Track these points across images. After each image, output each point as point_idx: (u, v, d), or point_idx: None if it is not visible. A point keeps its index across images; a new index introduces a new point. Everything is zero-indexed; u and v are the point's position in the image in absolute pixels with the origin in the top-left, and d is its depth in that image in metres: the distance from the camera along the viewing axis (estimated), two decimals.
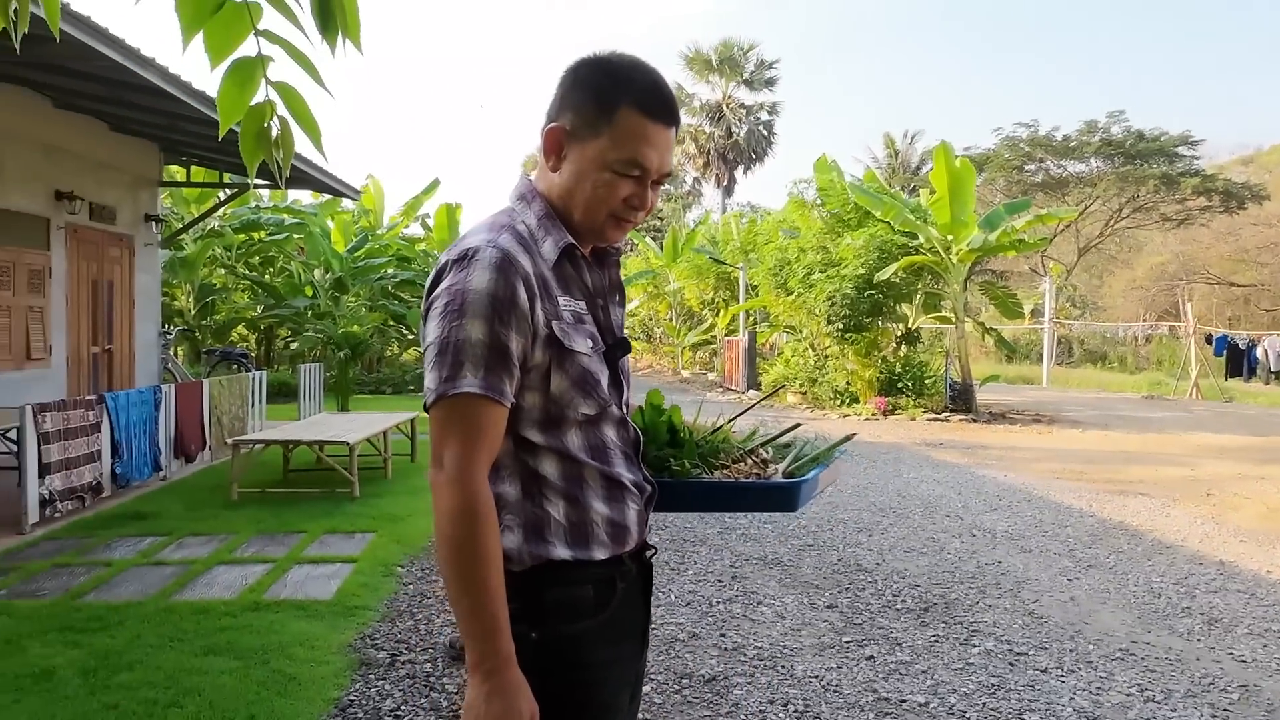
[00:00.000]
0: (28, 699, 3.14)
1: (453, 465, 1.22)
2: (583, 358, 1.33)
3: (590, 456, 1.36)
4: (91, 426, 6.25)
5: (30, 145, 8.62)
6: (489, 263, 1.25)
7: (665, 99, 1.36)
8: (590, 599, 1.35)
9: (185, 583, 4.54)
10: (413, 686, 3.41)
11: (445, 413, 1.24)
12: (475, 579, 1.20)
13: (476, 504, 1.22)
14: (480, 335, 1.23)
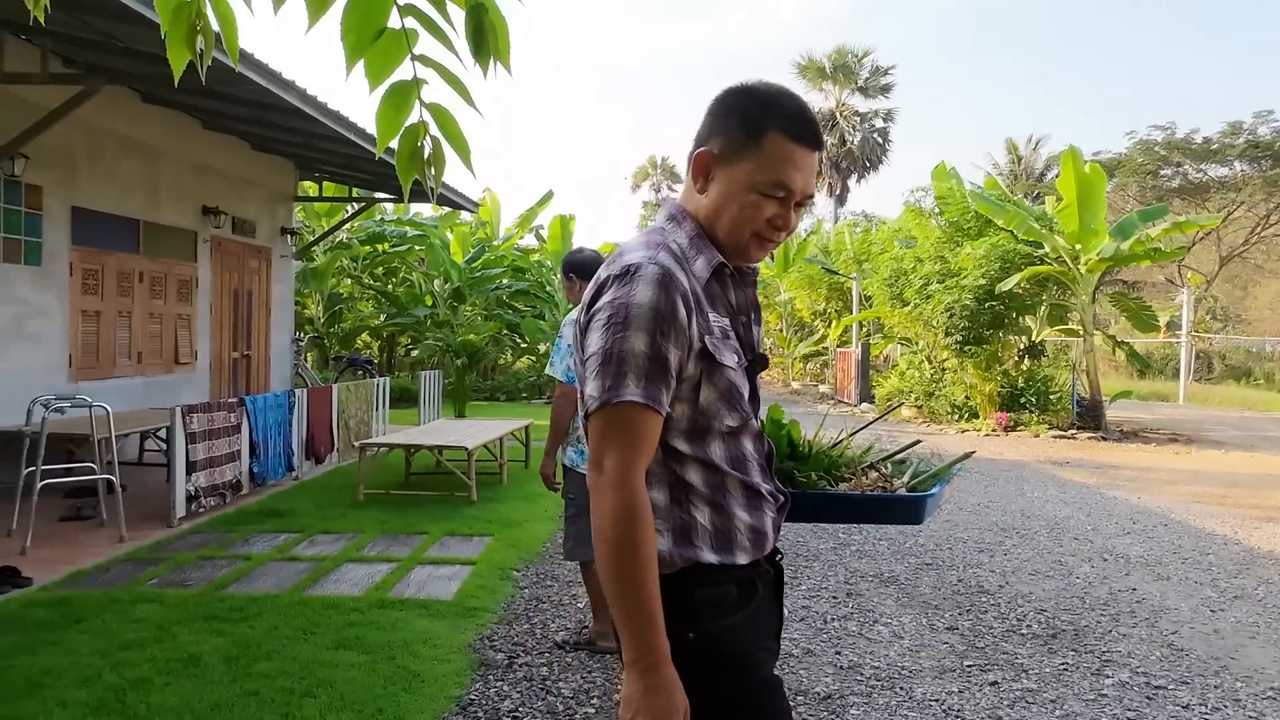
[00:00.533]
0: (178, 682, 3.36)
1: (614, 470, 1.29)
2: (730, 371, 1.40)
3: (731, 466, 1.42)
4: (233, 428, 6.64)
5: (182, 164, 9.26)
6: (652, 278, 1.32)
7: (810, 124, 1.42)
8: (735, 597, 1.41)
9: (317, 578, 4.77)
10: (530, 689, 3.48)
11: (607, 420, 1.32)
12: (634, 578, 1.27)
13: (636, 507, 1.29)
14: (643, 347, 1.30)
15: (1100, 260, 13.17)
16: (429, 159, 1.23)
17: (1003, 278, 13.27)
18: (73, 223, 7.69)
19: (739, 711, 1.41)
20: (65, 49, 6.68)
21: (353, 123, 8.15)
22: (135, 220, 8.58)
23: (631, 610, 1.27)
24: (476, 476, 7.07)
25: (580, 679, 3.59)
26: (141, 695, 3.22)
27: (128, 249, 8.49)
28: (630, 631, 1.27)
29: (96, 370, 7.98)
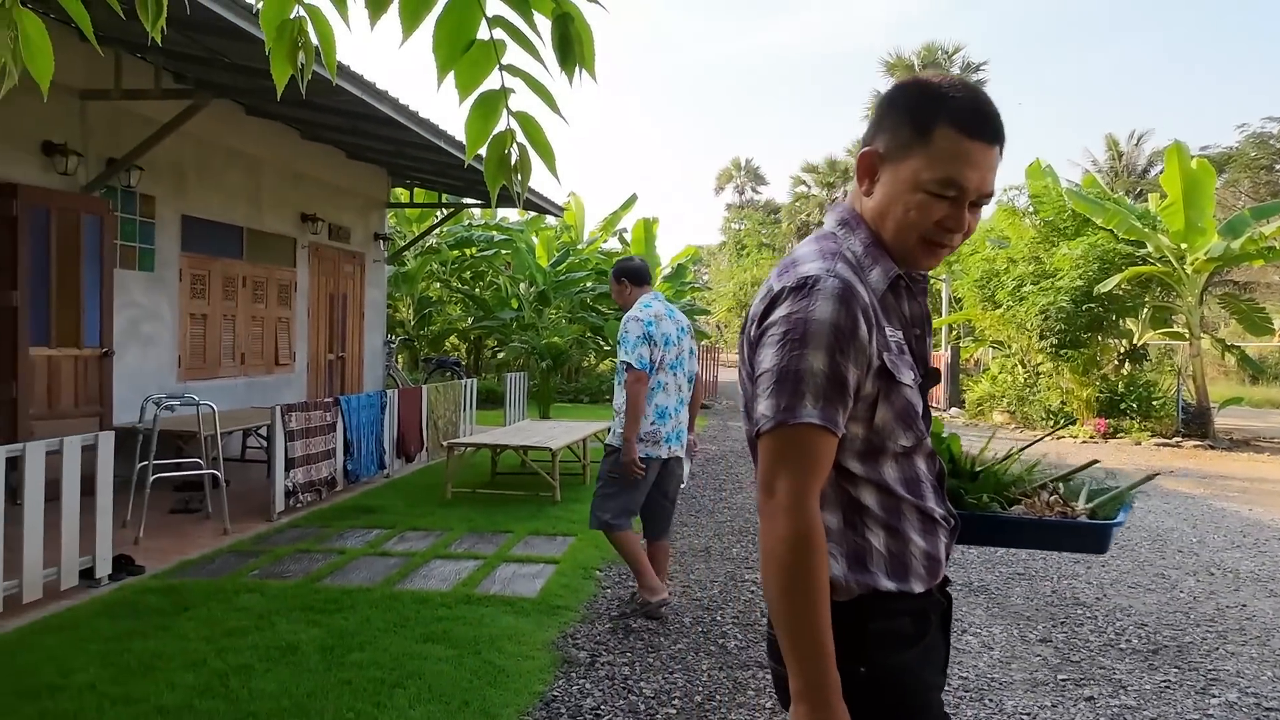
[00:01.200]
0: (277, 669, 3.50)
1: (787, 493, 1.23)
2: (907, 389, 1.34)
3: (906, 489, 1.36)
4: (328, 426, 6.89)
5: (282, 173, 9.65)
6: (831, 292, 1.25)
7: (986, 115, 1.31)
8: (910, 630, 1.35)
9: (407, 573, 4.91)
10: (612, 688, 3.52)
11: (782, 442, 1.25)
12: (806, 606, 1.22)
13: (810, 533, 1.23)
14: (822, 366, 1.24)
15: (1208, 260, 12.57)
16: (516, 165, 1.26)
17: (1101, 279, 12.79)
18: (182, 230, 8.11)
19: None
20: (176, 65, 7.04)
21: (443, 130, 8.37)
22: (239, 227, 8.99)
23: (802, 639, 1.22)
24: (560, 477, 7.17)
25: (662, 680, 3.61)
26: (244, 680, 3.38)
27: (232, 255, 8.89)
28: (800, 662, 1.22)
29: (203, 370, 8.38)
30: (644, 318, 4.32)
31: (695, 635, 4.15)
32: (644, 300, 4.44)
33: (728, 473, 9.01)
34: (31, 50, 1.18)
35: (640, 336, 4.27)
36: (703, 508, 7.16)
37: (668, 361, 4.36)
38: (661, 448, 4.34)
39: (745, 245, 46.94)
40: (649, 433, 4.32)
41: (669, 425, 4.37)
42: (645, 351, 4.26)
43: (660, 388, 4.35)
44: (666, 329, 4.36)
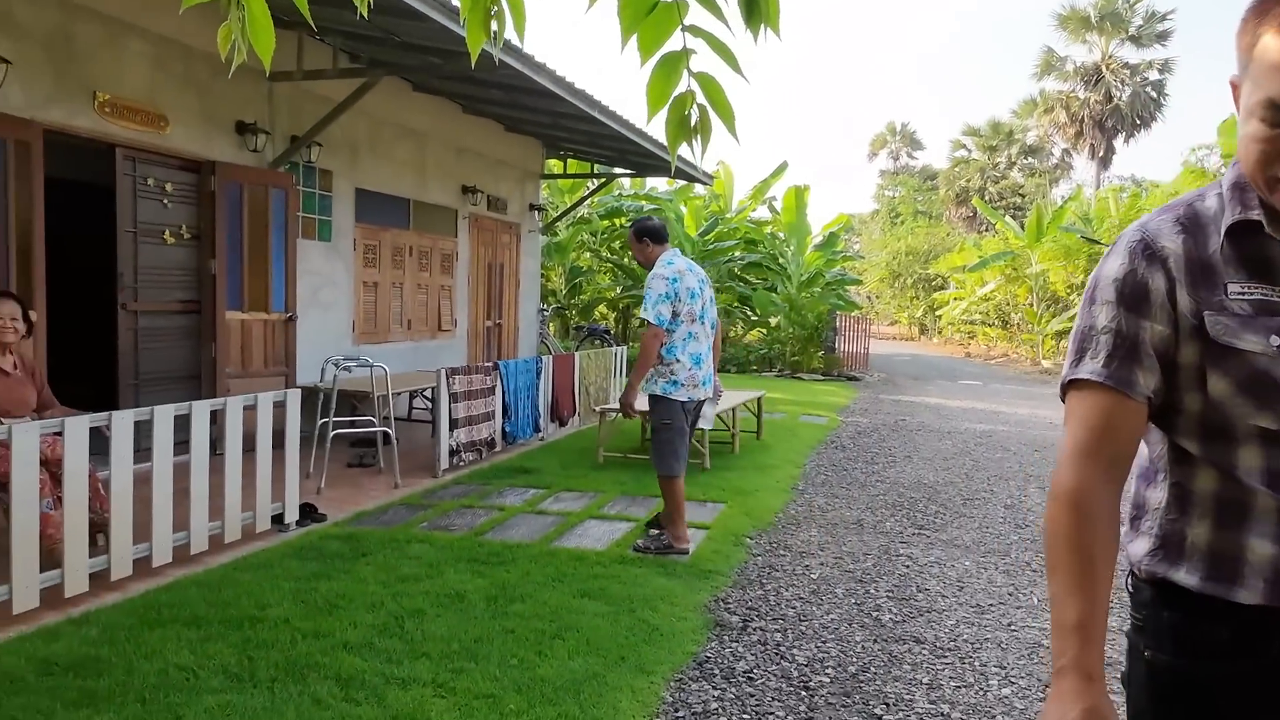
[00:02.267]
0: (447, 614, 3.72)
1: (1062, 452, 1.19)
2: (1254, 357, 1.12)
3: (1266, 483, 1.13)
4: (489, 390, 7.19)
5: (445, 147, 10.05)
6: (1125, 247, 1.19)
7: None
8: (1225, 640, 1.17)
9: (563, 531, 5.09)
10: (764, 653, 3.54)
11: (1067, 400, 1.22)
12: (1058, 572, 1.15)
13: (1073, 495, 1.16)
14: (1105, 322, 1.18)
15: None
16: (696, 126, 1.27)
17: None
18: (356, 202, 8.60)
19: None
20: (351, 45, 7.43)
21: (597, 100, 8.48)
22: (406, 199, 9.45)
23: (1052, 604, 1.15)
24: (710, 445, 7.21)
25: (814, 648, 3.61)
26: (417, 623, 3.61)
27: (400, 225, 9.37)
28: (1051, 627, 1.16)
29: (375, 335, 8.91)
30: (668, 275, 4.59)
31: (848, 607, 4.11)
32: (665, 258, 4.70)
33: (880, 446, 8.81)
34: (255, 29, 1.29)
35: (662, 294, 4.57)
36: (854, 480, 7.04)
37: (695, 313, 4.66)
38: (699, 390, 4.70)
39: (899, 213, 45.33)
40: (688, 377, 4.64)
41: (703, 370, 4.71)
42: (665, 309, 4.57)
43: (691, 337, 4.65)
44: (690, 283, 4.65)
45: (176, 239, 6.70)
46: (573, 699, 3.02)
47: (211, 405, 4.52)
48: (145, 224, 6.44)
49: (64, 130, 5.75)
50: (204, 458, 4.33)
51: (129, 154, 6.28)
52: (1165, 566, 1.21)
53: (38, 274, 5.50)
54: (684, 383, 4.63)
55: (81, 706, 2.83)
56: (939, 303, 28.45)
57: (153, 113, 6.33)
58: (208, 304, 6.90)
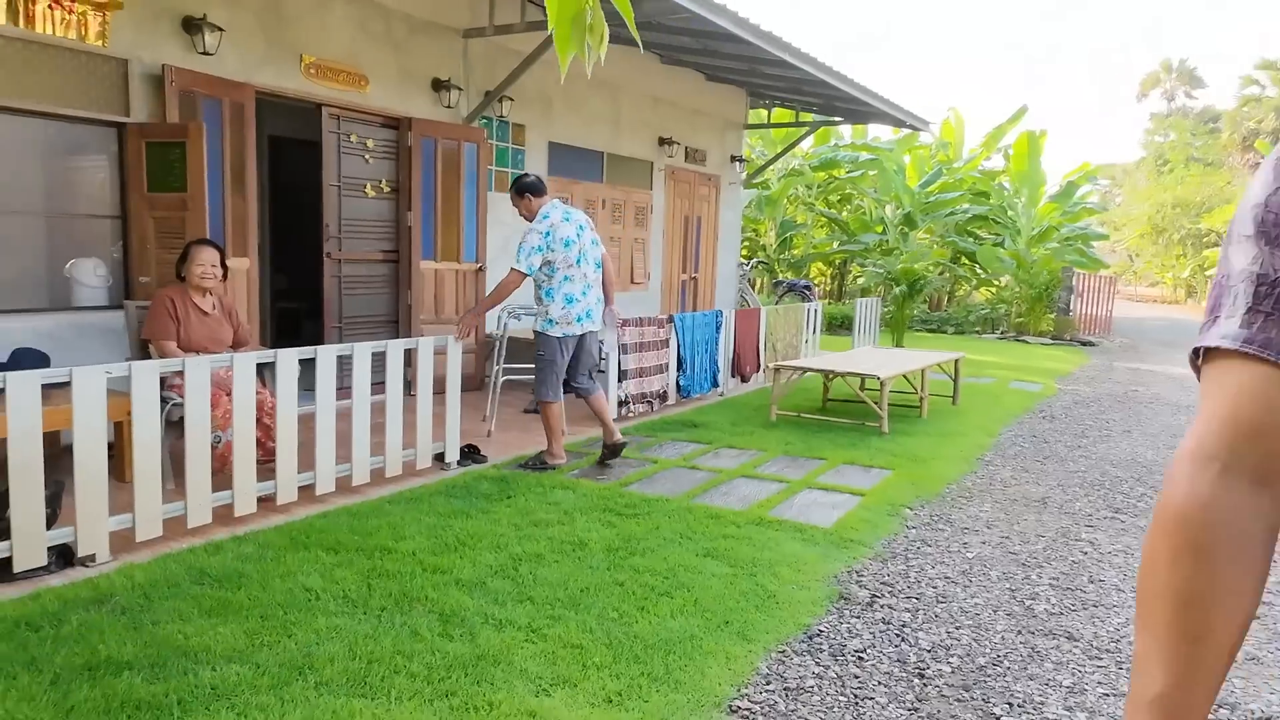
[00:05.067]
0: (564, 561, 3.74)
1: (1184, 445, 0.83)
2: None
3: None
4: (662, 343, 7.15)
5: (641, 98, 10.03)
6: (1271, 162, 0.84)
7: None
8: None
9: (709, 489, 4.97)
10: (885, 632, 3.26)
11: (1202, 375, 0.86)
12: (1149, 623, 0.83)
13: (1188, 516, 0.80)
14: (1243, 264, 0.83)
15: None
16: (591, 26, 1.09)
17: None
18: (549, 156, 8.79)
19: None
20: None
21: (786, 42, 8.08)
22: (600, 152, 9.54)
23: (1134, 670, 0.84)
24: (895, 409, 6.79)
25: (945, 633, 3.28)
26: (532, 567, 3.65)
27: (593, 178, 9.49)
28: (1126, 705, 0.85)
29: None
30: (542, 229, 5.14)
31: (999, 591, 3.70)
32: (543, 211, 5.22)
33: (1096, 418, 7.91)
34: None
35: (535, 247, 5.11)
36: (1053, 454, 6.36)
37: (570, 259, 5.17)
38: (574, 327, 5.25)
39: (1168, 160, 40.32)
40: (561, 316, 5.20)
41: (576, 308, 5.23)
42: (536, 259, 5.11)
43: (567, 279, 5.19)
44: (565, 233, 5.16)
45: (376, 192, 7.16)
46: (660, 659, 2.93)
47: (405, 344, 4.83)
48: (348, 178, 6.92)
49: (274, 92, 6.26)
50: (365, 395, 4.61)
51: (333, 112, 6.75)
52: None
53: (251, 223, 6.05)
54: (558, 320, 5.21)
55: (214, 615, 3.09)
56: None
57: (354, 73, 6.75)
58: (404, 254, 7.33)
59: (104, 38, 5.15)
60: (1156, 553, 0.81)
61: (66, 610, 3.08)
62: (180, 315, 4.63)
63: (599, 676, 2.80)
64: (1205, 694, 0.79)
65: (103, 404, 3.52)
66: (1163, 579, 0.80)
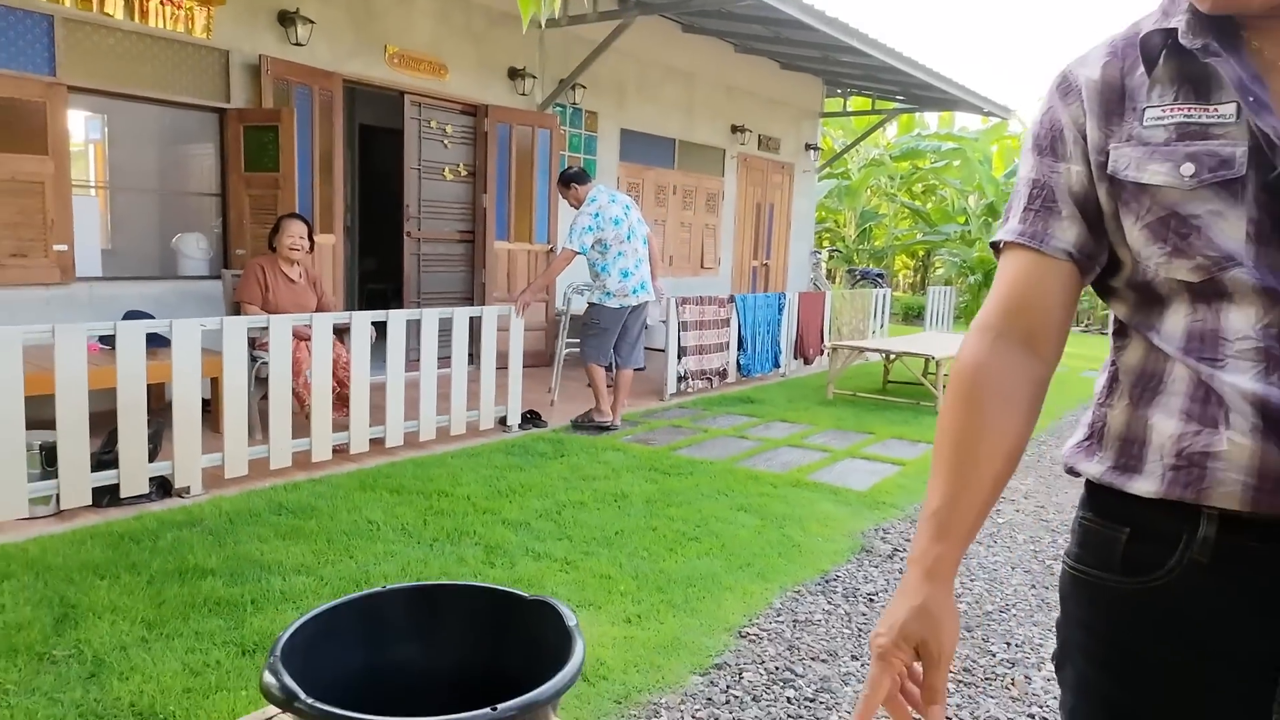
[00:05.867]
0: (604, 509, 4.02)
1: (974, 320, 1.04)
2: (1167, 193, 0.90)
3: (1183, 349, 0.91)
4: (723, 322, 7.36)
5: (715, 87, 10.22)
6: (1050, 85, 1.02)
7: None
8: (1117, 547, 0.96)
9: (754, 455, 5.18)
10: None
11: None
12: (935, 455, 1.01)
13: (965, 370, 0.99)
14: (1024, 172, 1.02)
15: None
16: None
17: None
18: (621, 142, 9.07)
19: (1065, 695, 1.06)
20: None
21: (855, 29, 8.17)
22: (671, 139, 9.78)
23: (930, 470, 1.01)
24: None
25: (959, 584, 3.42)
26: (574, 513, 3.94)
27: (664, 164, 9.74)
28: (927, 490, 1.02)
29: None
30: (591, 211, 5.48)
31: (1021, 550, 3.82)
32: (590, 195, 5.57)
33: None
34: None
35: (586, 227, 5.45)
36: None
37: (621, 236, 5.51)
38: (630, 299, 5.59)
39: None
40: (618, 289, 5.55)
41: (632, 281, 5.57)
42: (588, 239, 5.46)
43: (621, 255, 5.53)
44: (613, 213, 5.49)
45: (455, 176, 7.57)
46: (681, 591, 3.17)
47: (471, 311, 5.21)
48: (427, 162, 7.34)
49: (360, 80, 6.71)
50: (433, 359, 4.98)
51: (415, 100, 7.17)
52: (1079, 458, 1.03)
53: (337, 202, 6.52)
54: (615, 293, 5.56)
55: (287, 538, 3.48)
56: None
57: (435, 62, 7.16)
58: (479, 234, 7.73)
59: (208, 30, 5.65)
60: (946, 401, 1.03)
61: (163, 529, 3.52)
62: (269, 282, 5.08)
63: (622, 601, 3.06)
64: (971, 510, 0.97)
65: (198, 353, 3.96)
66: (946, 420, 1.01)
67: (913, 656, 0.97)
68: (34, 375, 3.57)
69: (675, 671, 2.65)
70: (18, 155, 4.94)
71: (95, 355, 4.36)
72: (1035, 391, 1.00)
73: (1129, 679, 0.96)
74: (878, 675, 0.97)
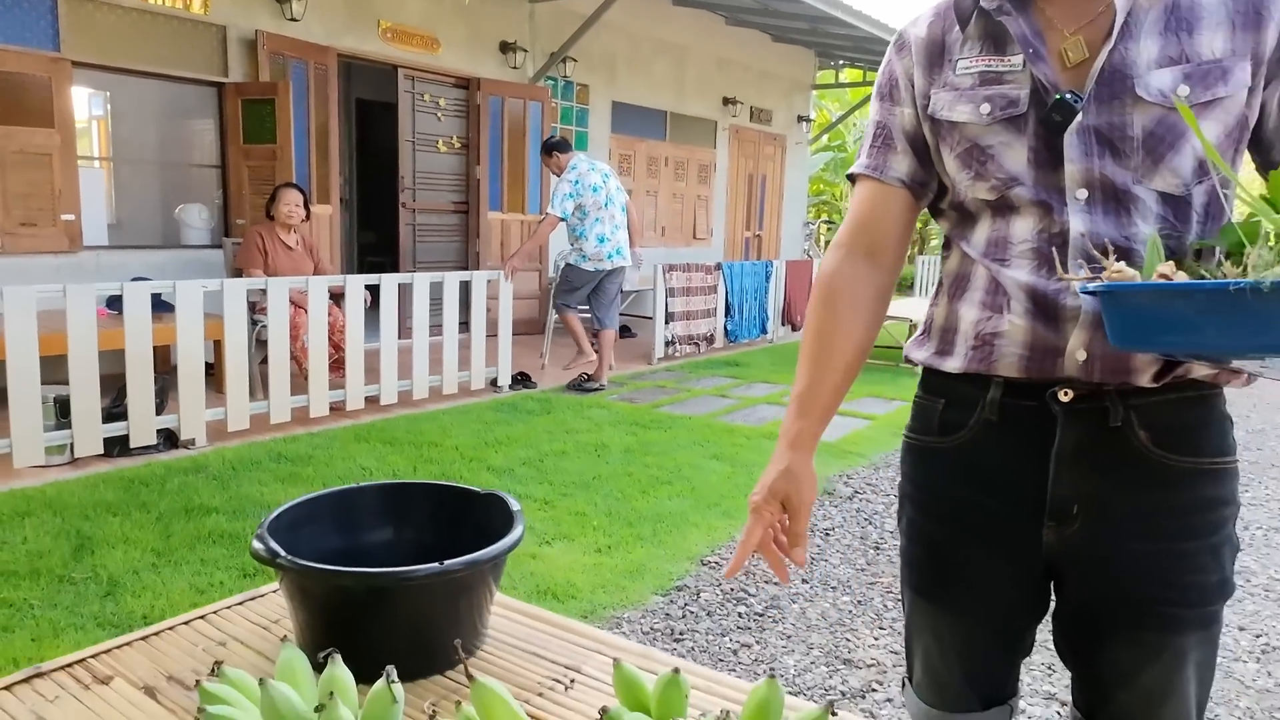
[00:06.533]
0: (584, 457, 4.27)
1: (833, 239, 1.27)
2: (970, 128, 1.10)
3: (983, 253, 1.11)
4: (709, 289, 7.58)
5: (706, 59, 10.37)
6: (890, 44, 1.24)
7: None
8: (935, 415, 1.18)
9: (732, 411, 5.42)
10: (855, 516, 3.68)
11: None
12: (800, 350, 1.23)
13: (822, 279, 1.23)
14: (871, 115, 1.25)
15: None
16: None
17: None
18: (613, 115, 9.25)
19: (901, 542, 1.27)
20: None
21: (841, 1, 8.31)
22: (663, 112, 9.95)
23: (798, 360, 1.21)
24: None
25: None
26: (555, 461, 4.18)
27: (656, 137, 9.91)
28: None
29: None
30: (571, 178, 5.76)
31: None
32: (571, 163, 5.85)
33: None
34: None
35: (566, 194, 5.74)
36: None
37: (599, 202, 5.79)
38: (605, 262, 5.88)
39: None
40: (594, 253, 5.84)
41: (608, 246, 5.86)
42: (569, 204, 5.74)
43: (598, 221, 5.82)
44: (592, 180, 5.78)
45: (448, 148, 7.77)
46: (650, 526, 3.42)
47: (462, 276, 5.44)
48: (421, 135, 7.54)
49: (354, 55, 6.90)
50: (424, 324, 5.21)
51: (408, 73, 7.36)
52: (914, 349, 1.24)
53: (333, 172, 6.73)
54: (591, 256, 5.85)
55: (286, 481, 3.74)
56: None
57: (428, 36, 7.34)
58: (473, 205, 7.94)
59: (206, 6, 5.85)
60: (809, 305, 1.25)
61: (170, 475, 3.77)
62: (268, 248, 5.30)
63: (594, 535, 3.32)
64: (826, 392, 1.21)
65: (200, 312, 4.20)
66: (808, 320, 1.24)
67: (779, 510, 1.21)
68: (47, 336, 3.81)
69: (639, 592, 2.90)
70: (25, 128, 5.16)
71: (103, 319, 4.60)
72: (879, 295, 1.23)
73: (942, 518, 1.20)
74: (752, 525, 1.20)
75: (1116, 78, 1.03)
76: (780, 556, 1.22)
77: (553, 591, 2.86)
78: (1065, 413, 1.07)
